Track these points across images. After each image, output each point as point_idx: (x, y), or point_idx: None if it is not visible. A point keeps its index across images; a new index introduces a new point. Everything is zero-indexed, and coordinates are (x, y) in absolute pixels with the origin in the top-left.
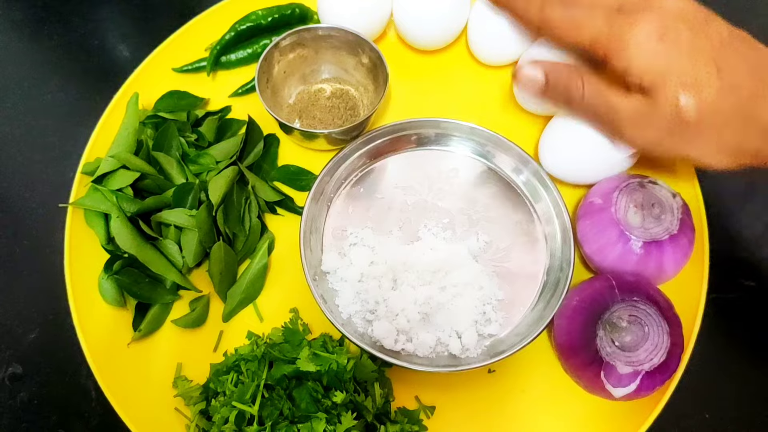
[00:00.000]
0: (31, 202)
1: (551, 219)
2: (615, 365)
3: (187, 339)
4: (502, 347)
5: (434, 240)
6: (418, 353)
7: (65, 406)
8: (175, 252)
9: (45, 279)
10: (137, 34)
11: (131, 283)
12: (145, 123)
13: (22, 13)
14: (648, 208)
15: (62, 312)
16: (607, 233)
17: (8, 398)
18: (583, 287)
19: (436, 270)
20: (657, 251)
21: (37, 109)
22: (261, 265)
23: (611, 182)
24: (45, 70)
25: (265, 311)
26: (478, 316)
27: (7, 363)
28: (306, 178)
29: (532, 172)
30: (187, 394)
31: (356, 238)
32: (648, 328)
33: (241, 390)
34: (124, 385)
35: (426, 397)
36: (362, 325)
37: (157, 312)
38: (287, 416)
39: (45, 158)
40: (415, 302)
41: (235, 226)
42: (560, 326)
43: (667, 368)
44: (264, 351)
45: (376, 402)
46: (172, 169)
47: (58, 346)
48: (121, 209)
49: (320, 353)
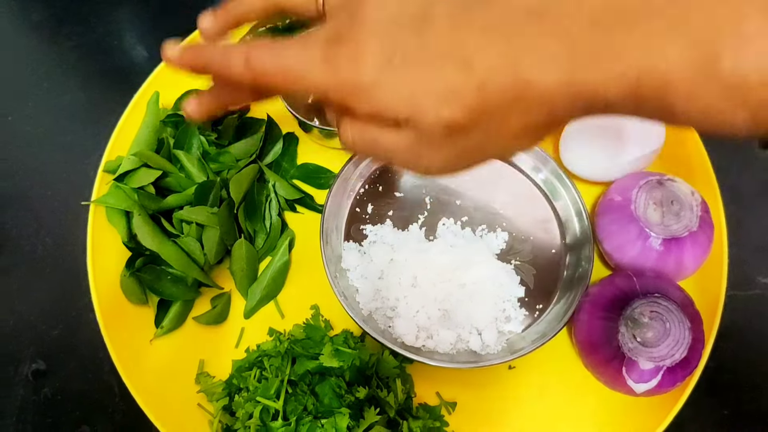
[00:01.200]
0: (53, 201)
1: (570, 216)
2: (637, 361)
3: (208, 335)
4: (523, 344)
5: (453, 238)
6: (439, 350)
7: (88, 401)
8: (197, 249)
9: (68, 276)
10: (156, 34)
11: (153, 280)
12: (166, 122)
13: (40, 14)
14: (667, 205)
15: (85, 309)
16: (626, 230)
17: (32, 394)
18: (604, 284)
19: (455, 267)
20: (676, 248)
21: (58, 109)
22: (282, 262)
23: (630, 180)
24: (64, 71)
25: (286, 308)
26: (498, 314)
27: (30, 359)
28: (325, 176)
29: (551, 171)
30: (210, 390)
31: (376, 236)
32: (669, 324)
33: (265, 386)
34: (147, 381)
35: (447, 393)
36: (383, 321)
37: (179, 309)
38: (311, 411)
39: (66, 157)
40: (435, 299)
41: (256, 223)
42: (581, 322)
43: (688, 364)
44: (287, 347)
45: (398, 398)
46: (193, 167)
47: (81, 343)
48: (143, 207)
49: (343, 349)
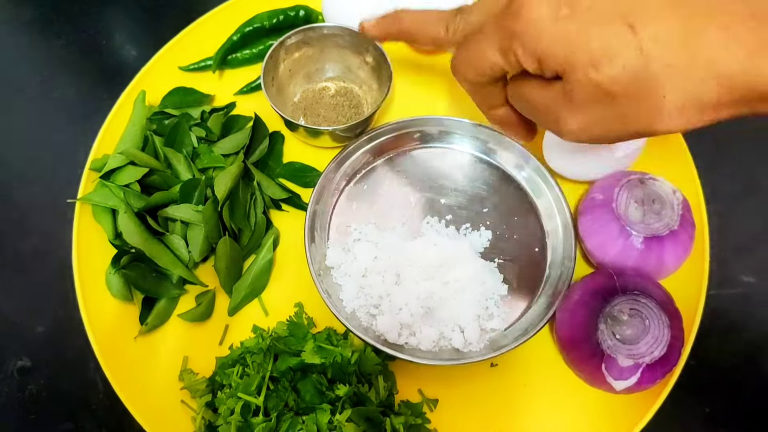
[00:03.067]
0: (39, 198)
1: (553, 215)
2: (616, 358)
3: (193, 333)
4: (505, 341)
5: (437, 236)
6: (422, 347)
7: (73, 398)
8: (182, 247)
9: (53, 273)
10: (144, 34)
11: (138, 277)
12: (152, 119)
13: (31, 13)
14: (648, 203)
15: (70, 306)
16: (608, 228)
17: (17, 391)
18: (585, 282)
19: (439, 265)
20: (657, 246)
21: (46, 106)
22: (266, 260)
23: (612, 178)
24: (54, 69)
25: (270, 305)
26: (481, 311)
27: (15, 356)
28: (310, 174)
29: (534, 169)
30: (194, 387)
31: (360, 234)
32: (649, 322)
33: (246, 382)
34: (132, 378)
35: (429, 390)
36: (366, 319)
37: (163, 306)
38: (292, 408)
39: (53, 155)
40: (418, 297)
41: (241, 221)
42: (562, 320)
43: (668, 361)
44: (269, 344)
45: (380, 394)
46: (180, 164)
47: (66, 340)
48: (129, 205)
49: (325, 346)
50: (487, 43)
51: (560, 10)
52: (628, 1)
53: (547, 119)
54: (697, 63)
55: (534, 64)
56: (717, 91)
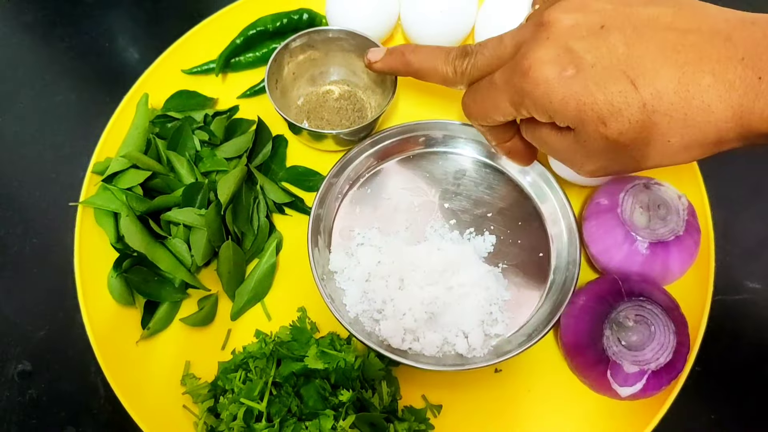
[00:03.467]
0: (41, 201)
1: (557, 220)
2: (621, 364)
3: (195, 337)
4: (509, 347)
5: (441, 240)
6: (425, 352)
7: (74, 403)
8: (184, 251)
9: (55, 277)
10: (146, 37)
11: (140, 281)
12: (155, 122)
13: (33, 15)
14: (654, 209)
15: (72, 310)
16: (613, 234)
17: (18, 395)
18: (590, 287)
19: (442, 270)
20: (663, 252)
21: (48, 109)
22: (269, 264)
23: (617, 183)
24: (56, 72)
25: (272, 310)
26: (485, 316)
27: (16, 360)
28: (314, 178)
29: (539, 173)
30: (196, 392)
31: (363, 238)
32: (654, 328)
33: (249, 387)
34: (133, 382)
35: (433, 396)
36: (369, 324)
37: (165, 310)
38: (295, 413)
39: (55, 158)
40: (422, 302)
41: (244, 225)
42: (567, 326)
43: (674, 368)
44: (272, 348)
45: (384, 400)
46: (183, 168)
47: (67, 344)
48: (131, 208)
49: (328, 351)
50: (499, 96)
51: (566, 70)
52: (629, 57)
53: (565, 160)
54: (695, 111)
55: (546, 118)
56: (716, 133)
